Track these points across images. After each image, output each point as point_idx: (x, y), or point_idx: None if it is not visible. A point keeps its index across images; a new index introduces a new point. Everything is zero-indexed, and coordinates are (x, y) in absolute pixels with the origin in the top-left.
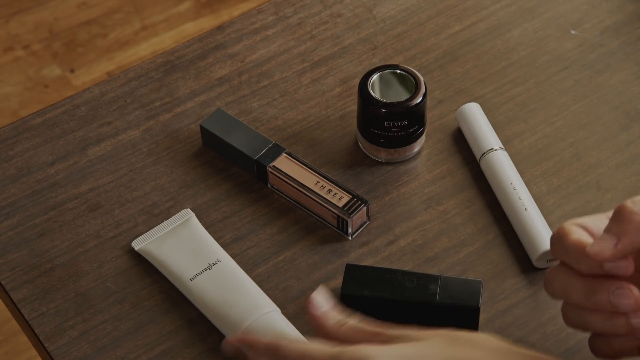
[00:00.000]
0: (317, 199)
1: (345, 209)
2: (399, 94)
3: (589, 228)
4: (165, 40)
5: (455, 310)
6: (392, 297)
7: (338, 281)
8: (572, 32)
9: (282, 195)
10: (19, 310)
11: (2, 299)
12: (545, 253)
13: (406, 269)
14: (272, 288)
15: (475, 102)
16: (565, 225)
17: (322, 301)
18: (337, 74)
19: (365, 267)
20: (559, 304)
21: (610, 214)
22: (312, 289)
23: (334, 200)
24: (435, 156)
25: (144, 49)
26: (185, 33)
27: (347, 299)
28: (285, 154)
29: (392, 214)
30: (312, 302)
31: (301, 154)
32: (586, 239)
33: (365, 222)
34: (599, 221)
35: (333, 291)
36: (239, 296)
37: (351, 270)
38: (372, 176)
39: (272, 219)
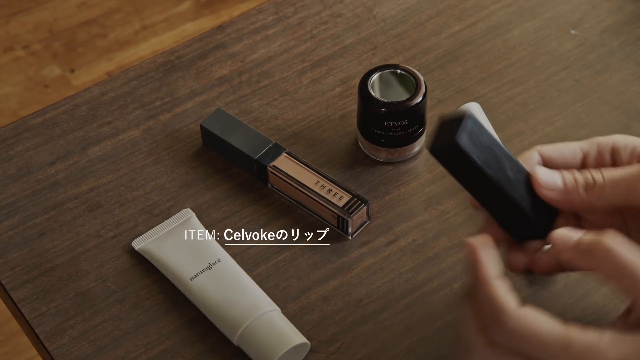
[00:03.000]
0: (317, 199)
1: (345, 208)
2: (399, 94)
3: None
4: (165, 40)
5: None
6: (494, 181)
7: (338, 281)
8: (572, 32)
9: (282, 195)
10: (19, 310)
11: (2, 299)
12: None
13: (406, 269)
14: (272, 288)
15: (476, 102)
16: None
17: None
18: (337, 74)
19: (482, 127)
20: (558, 304)
21: (582, 143)
22: (312, 288)
23: (334, 200)
24: None
25: (144, 49)
26: (185, 33)
27: (449, 153)
28: (285, 154)
29: (392, 213)
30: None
31: (301, 154)
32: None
33: (365, 222)
34: (566, 149)
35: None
36: (239, 296)
37: (469, 123)
38: (372, 176)
39: (272, 219)
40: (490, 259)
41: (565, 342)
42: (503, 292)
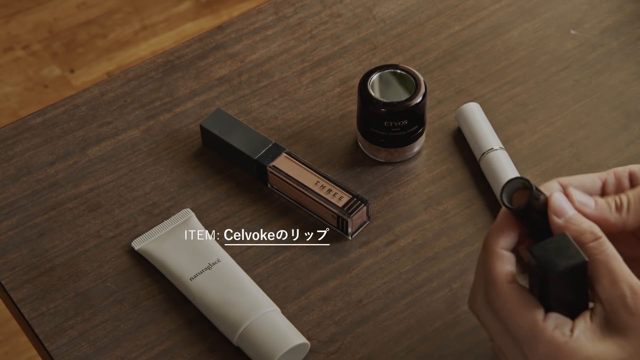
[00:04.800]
0: (317, 199)
1: (345, 208)
2: (399, 94)
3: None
4: (165, 40)
5: None
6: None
7: (338, 281)
8: (572, 32)
9: (282, 195)
10: (19, 310)
11: (2, 299)
12: None
13: (406, 269)
14: (272, 288)
15: (475, 102)
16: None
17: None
18: (337, 74)
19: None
20: None
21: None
22: (312, 288)
23: (334, 200)
24: (435, 156)
25: (144, 49)
26: (185, 33)
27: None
28: (285, 154)
29: (392, 213)
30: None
31: (301, 154)
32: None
33: (365, 222)
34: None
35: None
36: (239, 296)
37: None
38: (372, 176)
39: (272, 219)
40: (502, 231)
41: (534, 333)
42: (500, 263)
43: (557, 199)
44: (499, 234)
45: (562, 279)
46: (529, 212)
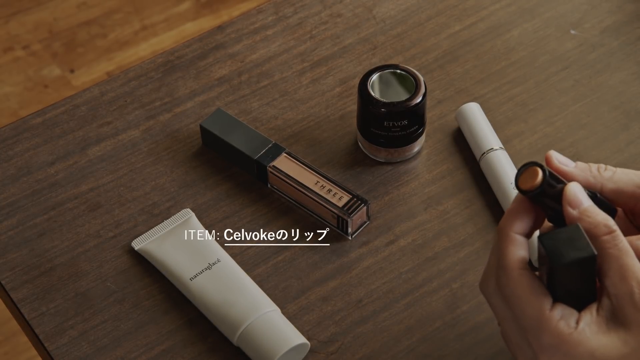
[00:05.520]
0: (317, 199)
1: (345, 208)
2: (399, 94)
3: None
4: (165, 40)
5: None
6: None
7: (338, 281)
8: (572, 32)
9: (282, 195)
10: (19, 310)
11: (2, 299)
12: None
13: (405, 269)
14: (272, 288)
15: (475, 102)
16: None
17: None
18: (337, 74)
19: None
20: None
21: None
22: (312, 288)
23: (334, 200)
24: (435, 156)
25: (144, 49)
26: (185, 33)
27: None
28: (285, 154)
29: (392, 213)
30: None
31: (301, 154)
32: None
33: (365, 222)
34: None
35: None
36: (239, 296)
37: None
38: (372, 176)
39: (272, 219)
40: (517, 215)
41: (539, 322)
42: (513, 248)
43: (573, 190)
44: (513, 218)
45: (569, 270)
46: (543, 198)
